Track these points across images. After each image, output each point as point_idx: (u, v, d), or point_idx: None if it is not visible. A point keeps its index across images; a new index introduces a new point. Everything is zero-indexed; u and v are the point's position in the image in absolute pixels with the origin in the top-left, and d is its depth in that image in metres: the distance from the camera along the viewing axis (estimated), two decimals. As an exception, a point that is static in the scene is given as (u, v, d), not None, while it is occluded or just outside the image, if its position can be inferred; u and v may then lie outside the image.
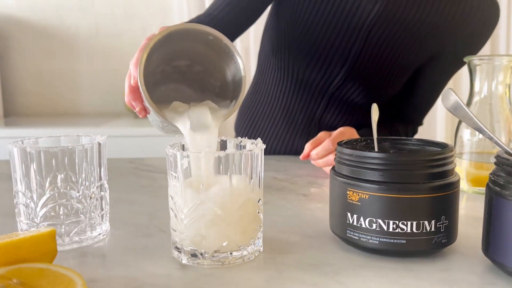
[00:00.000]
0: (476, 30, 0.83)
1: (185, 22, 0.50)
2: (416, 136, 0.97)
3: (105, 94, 2.44)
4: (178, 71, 0.50)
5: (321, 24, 0.80)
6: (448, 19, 0.80)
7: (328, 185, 0.42)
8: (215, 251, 0.40)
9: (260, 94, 0.95)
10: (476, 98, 0.64)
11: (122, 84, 2.41)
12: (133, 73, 0.48)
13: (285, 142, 0.93)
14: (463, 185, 0.64)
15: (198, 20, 0.81)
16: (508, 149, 0.38)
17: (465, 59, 0.64)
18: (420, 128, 0.99)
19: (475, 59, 0.63)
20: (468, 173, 0.63)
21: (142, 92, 0.43)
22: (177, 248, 0.42)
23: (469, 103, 0.64)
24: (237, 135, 1.02)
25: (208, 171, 0.40)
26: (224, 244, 0.40)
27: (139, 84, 0.43)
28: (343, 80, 0.85)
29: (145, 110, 0.49)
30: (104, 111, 2.46)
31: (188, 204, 0.40)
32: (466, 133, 0.64)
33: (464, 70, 1.54)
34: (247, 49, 2.22)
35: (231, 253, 0.40)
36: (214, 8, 0.82)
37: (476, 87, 0.63)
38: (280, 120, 0.92)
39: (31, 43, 2.42)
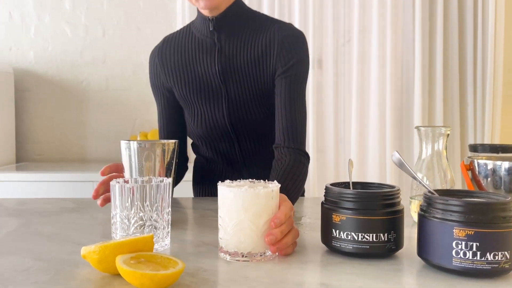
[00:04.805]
0: (289, 58, 1.10)
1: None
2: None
3: (111, 142, 2.66)
4: None
5: (203, 129, 1.17)
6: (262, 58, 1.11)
7: (314, 219, 0.64)
8: (248, 252, 0.63)
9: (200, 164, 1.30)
10: (424, 155, 0.89)
11: (127, 133, 2.65)
12: None
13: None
14: (415, 217, 0.88)
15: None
16: (430, 189, 0.62)
17: (415, 128, 0.89)
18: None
19: (422, 129, 0.88)
20: (418, 208, 0.87)
21: None
22: (223, 250, 0.64)
23: (420, 158, 0.89)
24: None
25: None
26: (254, 247, 0.63)
27: None
28: (242, 148, 1.18)
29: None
30: (110, 158, 2.66)
31: (233, 221, 0.63)
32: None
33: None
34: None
35: (260, 254, 0.63)
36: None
37: (423, 147, 0.89)
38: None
39: (45, 95, 2.65)
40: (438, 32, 2.54)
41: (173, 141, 0.87)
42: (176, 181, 1.24)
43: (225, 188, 0.65)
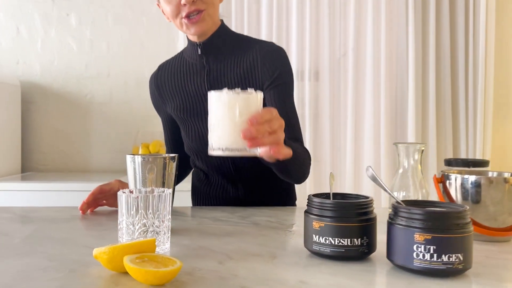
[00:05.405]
0: (276, 71, 1.21)
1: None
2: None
3: (114, 153, 2.75)
4: None
5: (197, 143, 1.29)
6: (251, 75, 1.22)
7: (301, 226, 0.74)
8: (227, 147, 0.77)
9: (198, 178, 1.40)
10: (401, 169, 0.98)
11: (129, 144, 2.74)
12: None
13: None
14: (394, 226, 0.96)
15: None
16: (398, 200, 0.71)
17: (393, 144, 0.98)
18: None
19: (399, 145, 0.97)
20: (396, 218, 0.96)
21: None
22: (210, 149, 0.79)
23: (397, 172, 0.98)
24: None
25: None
26: (233, 142, 0.76)
27: None
28: (235, 161, 1.27)
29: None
30: (112, 168, 2.75)
31: (215, 119, 0.77)
32: (395, 189, 0.98)
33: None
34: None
35: (239, 150, 0.78)
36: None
37: (401, 161, 0.98)
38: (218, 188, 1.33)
39: (51, 108, 2.75)
40: (431, 46, 2.65)
41: (174, 155, 0.96)
42: (181, 178, 1.45)
43: (212, 93, 0.78)
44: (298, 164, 1.08)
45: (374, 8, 2.62)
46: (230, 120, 0.77)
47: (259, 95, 0.80)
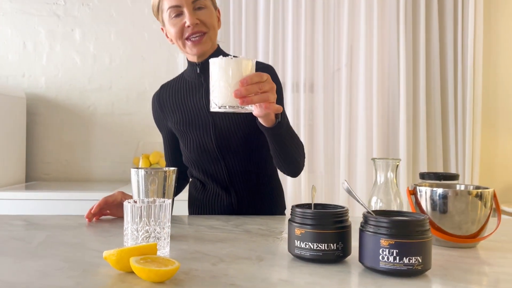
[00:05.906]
0: None
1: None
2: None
3: (115, 163, 2.85)
4: None
5: (195, 153, 1.40)
6: None
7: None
8: (222, 104, 0.91)
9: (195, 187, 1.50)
10: (378, 182, 1.08)
11: (130, 155, 2.83)
12: None
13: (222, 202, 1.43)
14: (372, 234, 1.07)
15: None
16: (368, 210, 0.82)
17: (371, 159, 1.09)
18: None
19: (377, 160, 1.08)
20: (374, 226, 1.06)
21: None
22: (211, 107, 0.92)
23: (375, 184, 1.09)
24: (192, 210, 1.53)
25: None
26: (227, 100, 0.90)
27: None
28: (229, 169, 1.38)
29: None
30: (114, 178, 2.85)
31: (213, 81, 0.91)
32: (373, 200, 1.08)
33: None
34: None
35: (232, 107, 0.91)
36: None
37: (378, 175, 1.08)
38: (214, 195, 1.44)
39: (55, 119, 2.85)
40: (421, 62, 2.77)
41: (173, 168, 1.06)
42: (179, 190, 1.56)
43: (211, 59, 0.94)
44: (292, 139, 1.19)
45: (366, 25, 2.75)
46: (224, 81, 0.91)
47: (251, 61, 0.95)
